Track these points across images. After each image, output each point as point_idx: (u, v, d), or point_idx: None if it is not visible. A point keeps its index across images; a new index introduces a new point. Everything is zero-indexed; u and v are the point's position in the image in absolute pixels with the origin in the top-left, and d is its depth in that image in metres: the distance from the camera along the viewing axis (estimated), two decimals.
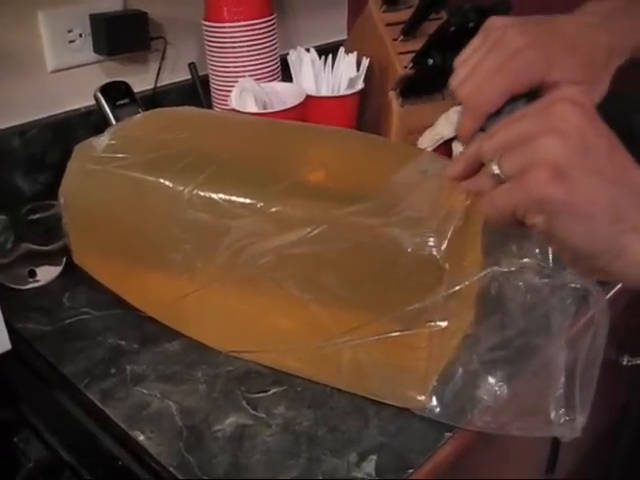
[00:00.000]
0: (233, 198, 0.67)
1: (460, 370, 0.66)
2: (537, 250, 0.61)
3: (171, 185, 0.70)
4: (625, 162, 0.44)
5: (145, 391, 0.70)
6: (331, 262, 0.63)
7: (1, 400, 0.69)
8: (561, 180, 0.42)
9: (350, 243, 0.61)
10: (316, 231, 0.62)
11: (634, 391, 1.19)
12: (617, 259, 0.43)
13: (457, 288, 0.61)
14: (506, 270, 0.62)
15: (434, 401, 0.65)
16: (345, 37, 1.49)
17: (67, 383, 0.72)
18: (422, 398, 0.65)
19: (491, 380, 0.66)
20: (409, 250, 0.58)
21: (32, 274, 0.88)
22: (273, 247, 0.65)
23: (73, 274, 0.88)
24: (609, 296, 0.86)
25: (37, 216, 0.94)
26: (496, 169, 0.45)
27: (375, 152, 0.75)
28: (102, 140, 0.79)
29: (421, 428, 0.65)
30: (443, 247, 0.58)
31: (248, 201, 0.66)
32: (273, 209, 0.65)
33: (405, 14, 1.23)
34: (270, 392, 0.69)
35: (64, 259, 0.90)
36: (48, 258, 0.90)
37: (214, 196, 0.67)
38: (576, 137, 0.43)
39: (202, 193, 0.68)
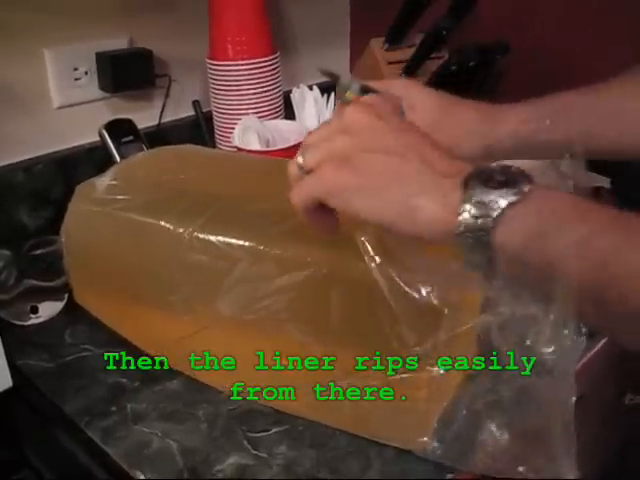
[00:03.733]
0: (233, 241, 0.67)
1: (462, 411, 0.65)
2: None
3: (171, 227, 0.70)
4: (414, 140, 0.50)
5: (146, 430, 0.70)
6: (331, 305, 0.63)
7: (1, 439, 0.69)
8: (346, 166, 0.49)
9: (350, 286, 0.62)
10: (316, 274, 0.62)
11: (636, 431, 1.18)
12: (415, 223, 0.47)
13: (455, 332, 0.60)
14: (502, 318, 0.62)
15: (435, 442, 0.64)
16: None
17: (67, 421, 0.72)
18: (424, 440, 0.64)
19: (493, 422, 0.66)
20: (407, 294, 0.58)
21: (34, 310, 0.88)
22: (274, 290, 0.65)
23: (75, 310, 0.88)
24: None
25: (40, 251, 0.94)
26: (300, 160, 0.53)
27: None
28: (103, 180, 0.79)
29: (423, 470, 0.64)
30: (440, 290, 0.58)
31: (248, 244, 0.66)
32: (274, 252, 0.65)
33: (407, 52, 1.25)
34: (271, 432, 0.69)
35: (66, 295, 0.90)
36: (50, 294, 0.90)
37: (213, 239, 0.68)
38: (361, 133, 0.50)
39: (202, 236, 0.68)
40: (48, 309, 0.89)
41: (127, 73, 1.10)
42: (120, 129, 1.05)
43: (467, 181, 0.45)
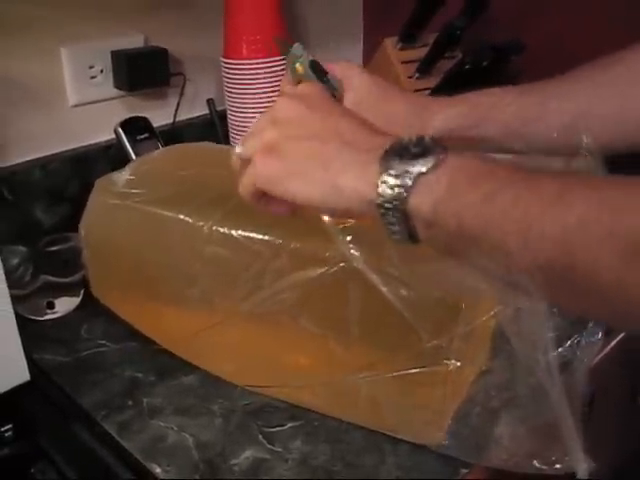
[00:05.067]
0: (252, 235, 0.68)
1: (477, 406, 0.66)
2: None
3: (190, 220, 0.71)
4: (338, 122, 0.53)
5: (162, 424, 0.70)
6: (348, 299, 0.63)
7: (19, 431, 0.70)
8: (273, 155, 0.52)
9: (366, 280, 0.62)
10: (334, 269, 0.63)
11: None
12: (341, 199, 0.50)
13: (472, 327, 0.61)
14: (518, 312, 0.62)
15: (450, 438, 0.64)
16: None
17: (84, 415, 0.72)
18: (438, 435, 0.65)
19: (507, 417, 0.66)
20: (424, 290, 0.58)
21: (50, 305, 0.89)
22: (291, 283, 0.65)
23: (91, 306, 0.88)
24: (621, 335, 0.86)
25: (56, 248, 0.95)
26: (238, 150, 0.56)
27: None
28: (122, 175, 0.80)
29: (437, 464, 0.65)
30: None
31: (267, 238, 0.67)
32: (292, 246, 0.65)
33: (420, 52, 1.25)
34: (286, 427, 0.70)
35: (82, 291, 0.91)
36: (66, 290, 0.91)
37: (233, 232, 0.68)
38: (288, 122, 0.54)
39: (221, 229, 0.69)
40: (64, 305, 0.90)
41: (142, 72, 1.11)
42: (135, 127, 1.05)
43: (385, 155, 0.48)
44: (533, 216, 0.41)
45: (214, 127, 1.22)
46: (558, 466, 0.60)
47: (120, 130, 1.04)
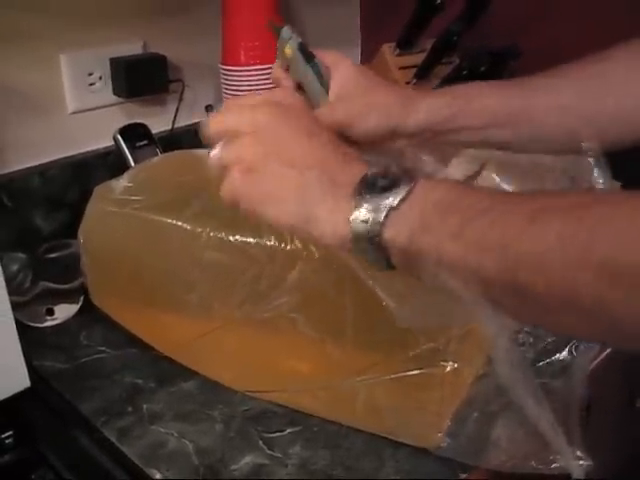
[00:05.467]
0: (248, 239, 0.68)
1: (475, 409, 0.66)
2: None
3: (189, 227, 0.72)
4: (318, 149, 0.53)
5: (162, 430, 0.70)
6: (345, 301, 0.64)
7: (19, 438, 0.70)
8: (252, 176, 0.52)
9: (364, 284, 0.62)
10: (330, 271, 0.63)
11: None
12: (315, 229, 0.50)
13: (468, 328, 0.61)
14: None
15: (449, 440, 0.65)
16: None
17: (84, 421, 0.73)
18: (437, 437, 0.65)
19: (505, 420, 0.66)
20: None
21: (50, 312, 0.89)
22: (288, 287, 0.66)
23: (90, 312, 0.89)
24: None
25: (55, 255, 0.95)
26: (217, 154, 0.55)
27: None
28: (121, 182, 0.81)
29: (436, 469, 0.65)
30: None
31: (263, 241, 0.67)
32: (288, 248, 0.66)
33: (418, 57, 1.26)
34: (286, 432, 0.70)
35: (82, 297, 0.91)
36: (66, 296, 0.91)
37: (230, 238, 0.69)
38: (269, 140, 0.53)
39: (219, 234, 0.69)
40: (64, 311, 0.90)
41: (141, 78, 1.11)
42: (134, 134, 1.06)
43: (356, 190, 0.48)
44: (511, 237, 0.41)
45: None
46: (555, 465, 0.61)
47: (119, 137, 1.04)
